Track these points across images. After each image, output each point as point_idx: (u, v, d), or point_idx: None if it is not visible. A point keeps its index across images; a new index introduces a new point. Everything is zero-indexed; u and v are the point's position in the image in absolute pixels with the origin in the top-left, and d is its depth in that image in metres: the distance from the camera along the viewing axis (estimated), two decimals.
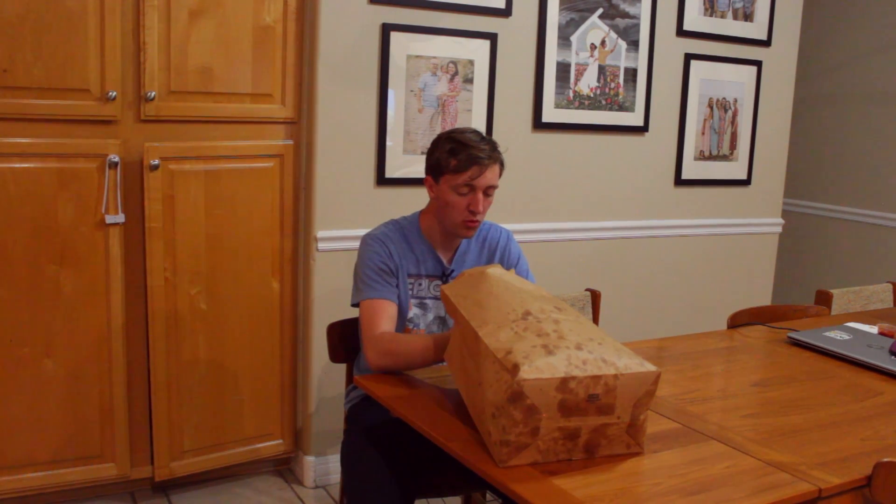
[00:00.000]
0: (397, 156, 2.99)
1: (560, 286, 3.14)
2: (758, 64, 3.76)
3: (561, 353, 1.48)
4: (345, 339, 2.27)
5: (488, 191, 2.11)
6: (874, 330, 2.45)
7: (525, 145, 3.26)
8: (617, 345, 1.57)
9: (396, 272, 2.14)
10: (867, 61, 4.51)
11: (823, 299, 2.87)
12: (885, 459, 1.50)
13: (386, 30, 2.90)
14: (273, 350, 2.98)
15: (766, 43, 3.76)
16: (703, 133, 3.68)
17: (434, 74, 3.01)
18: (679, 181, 3.65)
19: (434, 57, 3.00)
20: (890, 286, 3.07)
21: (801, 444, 1.66)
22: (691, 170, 3.67)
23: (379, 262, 2.12)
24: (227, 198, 2.80)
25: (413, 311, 2.18)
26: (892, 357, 2.19)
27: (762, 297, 3.96)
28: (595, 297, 2.65)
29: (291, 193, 2.93)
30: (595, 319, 2.64)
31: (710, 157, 3.72)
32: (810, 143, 4.80)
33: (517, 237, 2.39)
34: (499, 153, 2.13)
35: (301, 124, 2.93)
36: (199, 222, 2.75)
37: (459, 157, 2.07)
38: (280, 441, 3.05)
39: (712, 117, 3.69)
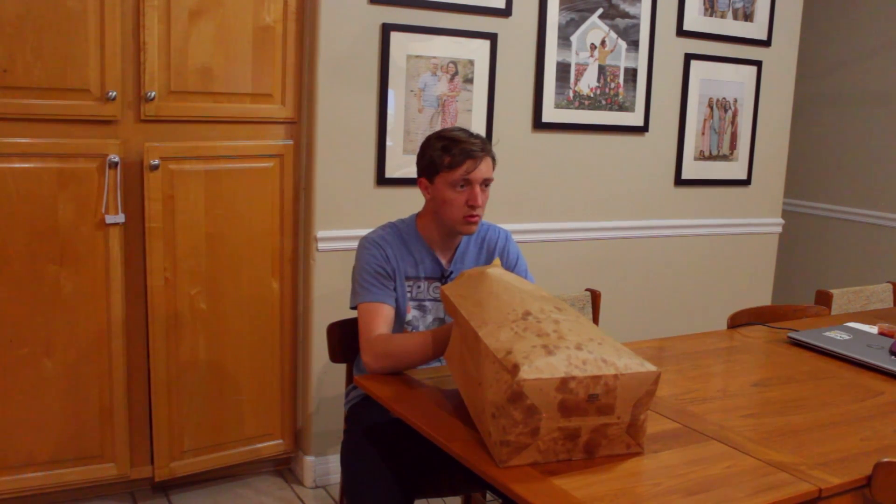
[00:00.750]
0: (397, 156, 2.99)
1: (560, 286, 3.14)
2: (758, 64, 3.76)
3: (561, 354, 1.48)
4: (345, 339, 2.26)
5: (485, 183, 2.12)
6: (874, 330, 2.45)
7: (525, 145, 3.26)
8: (617, 345, 1.57)
9: (394, 275, 2.14)
10: (867, 61, 4.50)
11: (823, 299, 2.87)
12: (885, 459, 1.50)
13: (386, 30, 2.90)
14: (273, 350, 2.98)
15: (766, 43, 3.76)
16: (703, 133, 3.68)
17: (434, 74, 3.01)
18: (679, 181, 3.65)
19: (434, 57, 3.00)
20: (890, 286, 3.07)
21: (801, 444, 1.66)
22: (691, 170, 3.67)
23: (375, 265, 2.13)
24: (227, 198, 2.80)
25: (412, 314, 2.18)
26: (892, 357, 2.19)
27: (762, 297, 3.96)
28: (595, 297, 2.65)
29: (291, 193, 2.93)
30: (595, 319, 2.64)
31: (710, 157, 3.72)
32: (810, 143, 4.80)
33: (517, 237, 2.39)
34: (490, 147, 2.14)
35: (301, 124, 2.93)
36: (199, 222, 2.75)
37: (453, 153, 2.08)
38: (280, 441, 3.05)
39: (712, 117, 3.69)
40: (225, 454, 2.94)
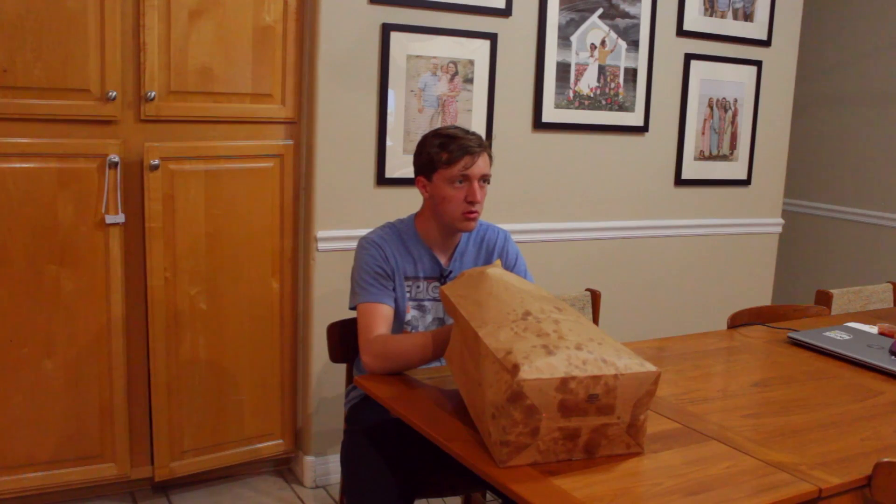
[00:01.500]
0: (397, 156, 2.99)
1: (560, 286, 3.14)
2: (758, 64, 3.76)
3: (561, 354, 1.48)
4: (345, 339, 2.26)
5: (483, 179, 2.12)
6: (874, 330, 2.45)
7: (525, 145, 3.26)
8: (617, 345, 1.57)
9: (393, 275, 2.14)
10: (867, 61, 4.50)
11: (823, 299, 2.87)
12: (885, 459, 1.50)
13: (386, 30, 2.90)
14: (273, 350, 2.98)
15: (766, 43, 3.76)
16: (703, 133, 3.68)
17: (434, 74, 3.01)
18: (679, 181, 3.65)
19: (434, 57, 3.00)
20: (890, 286, 3.07)
21: (801, 444, 1.66)
22: (691, 170, 3.67)
23: (374, 265, 2.13)
24: (227, 198, 2.80)
25: (411, 314, 2.18)
26: (892, 357, 2.19)
27: (762, 297, 3.96)
28: (595, 297, 2.65)
29: (291, 193, 2.93)
30: (595, 319, 2.64)
31: (710, 157, 3.72)
32: (810, 143, 4.80)
33: (517, 237, 2.39)
34: (486, 143, 2.15)
35: (301, 124, 2.93)
36: (199, 222, 2.75)
37: (450, 149, 2.09)
38: (280, 441, 3.05)
39: (712, 117, 3.69)
40: (225, 454, 2.94)
